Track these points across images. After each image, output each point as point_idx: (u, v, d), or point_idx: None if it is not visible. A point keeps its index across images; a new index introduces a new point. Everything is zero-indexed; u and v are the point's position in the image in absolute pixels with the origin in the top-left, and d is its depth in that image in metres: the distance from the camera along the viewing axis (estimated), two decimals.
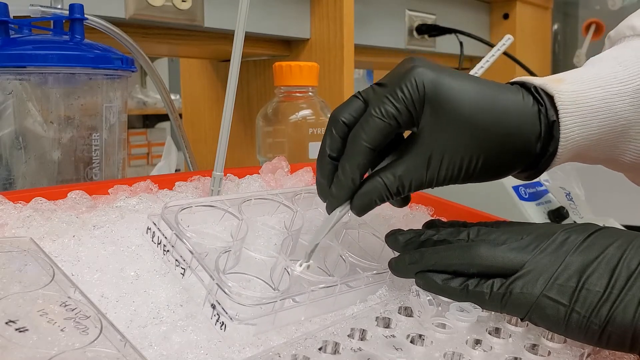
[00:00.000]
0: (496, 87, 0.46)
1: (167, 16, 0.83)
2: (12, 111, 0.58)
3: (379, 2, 1.22)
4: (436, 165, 0.44)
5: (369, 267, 0.47)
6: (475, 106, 0.44)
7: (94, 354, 0.31)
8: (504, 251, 0.41)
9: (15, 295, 0.33)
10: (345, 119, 0.46)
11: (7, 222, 0.44)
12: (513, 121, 0.44)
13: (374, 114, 0.44)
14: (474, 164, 0.44)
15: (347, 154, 0.45)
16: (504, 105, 0.45)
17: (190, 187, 0.56)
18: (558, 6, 1.85)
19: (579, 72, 0.49)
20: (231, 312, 0.38)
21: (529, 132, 0.45)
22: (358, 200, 0.45)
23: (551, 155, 0.46)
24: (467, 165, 0.44)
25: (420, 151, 0.44)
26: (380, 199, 0.45)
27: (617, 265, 0.38)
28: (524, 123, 0.45)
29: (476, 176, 0.45)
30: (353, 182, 0.45)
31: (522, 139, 0.45)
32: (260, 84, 1.14)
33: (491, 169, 0.46)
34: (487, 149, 0.44)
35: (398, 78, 0.44)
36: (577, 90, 0.46)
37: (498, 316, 0.42)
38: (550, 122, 0.46)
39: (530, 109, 0.45)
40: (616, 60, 0.49)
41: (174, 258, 0.42)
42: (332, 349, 0.37)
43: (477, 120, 0.44)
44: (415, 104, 0.44)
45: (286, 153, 0.82)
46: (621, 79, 0.47)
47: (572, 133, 0.46)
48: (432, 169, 0.44)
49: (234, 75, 0.52)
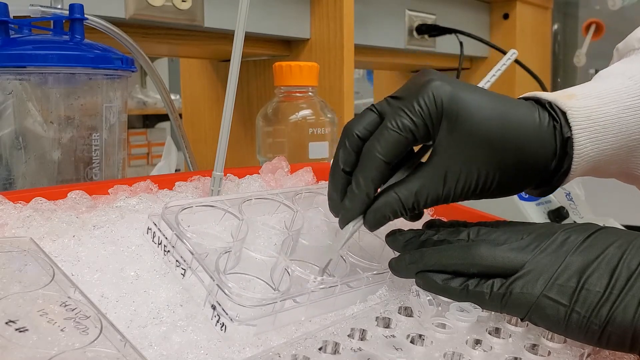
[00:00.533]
0: (512, 102, 0.45)
1: (167, 16, 0.83)
2: (12, 111, 0.58)
3: (379, 2, 1.22)
4: (453, 181, 0.44)
5: (369, 267, 0.47)
6: (492, 122, 0.43)
7: (94, 354, 0.31)
8: (504, 251, 0.41)
9: (15, 295, 0.33)
10: (359, 132, 0.45)
11: (7, 222, 0.44)
12: (530, 138, 0.44)
13: (390, 126, 0.43)
14: (490, 180, 0.44)
15: (361, 167, 0.44)
16: (520, 122, 0.44)
17: (190, 187, 0.56)
18: (558, 6, 1.85)
19: (590, 87, 0.49)
20: (231, 313, 0.38)
21: (544, 149, 0.45)
22: (372, 215, 0.44)
23: (565, 171, 0.46)
24: (484, 181, 0.44)
25: (437, 166, 0.44)
26: (394, 215, 0.44)
27: (617, 266, 0.38)
28: (540, 140, 0.45)
29: (492, 192, 0.45)
30: (367, 196, 0.44)
31: (538, 155, 0.45)
32: (260, 84, 1.14)
33: (506, 185, 0.45)
34: (503, 164, 0.44)
35: (415, 91, 0.44)
36: (590, 106, 0.46)
37: (498, 316, 0.42)
38: (565, 139, 0.46)
39: (546, 126, 0.45)
40: (626, 75, 0.49)
41: (175, 258, 0.42)
42: (332, 349, 0.37)
43: (495, 137, 0.43)
44: (432, 117, 0.43)
45: (286, 153, 0.82)
46: (632, 93, 0.47)
47: (586, 149, 0.46)
48: (448, 185, 0.44)
49: (234, 75, 0.52)
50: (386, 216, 0.44)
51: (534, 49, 1.63)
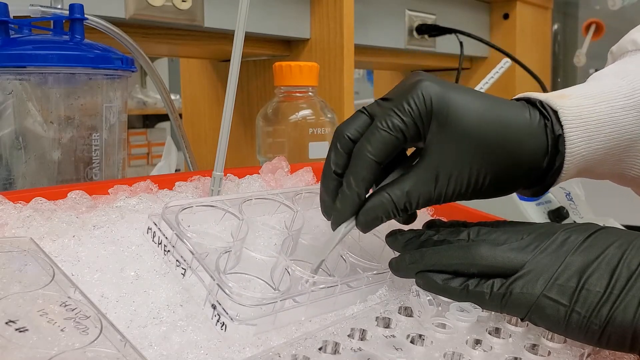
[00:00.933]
0: (502, 102, 0.46)
1: (167, 16, 0.83)
2: (12, 111, 0.58)
3: (379, 2, 1.22)
4: (444, 181, 0.44)
5: (369, 267, 0.47)
6: (482, 121, 0.43)
7: (94, 354, 0.31)
8: (504, 251, 0.41)
9: (15, 295, 0.33)
10: (350, 134, 0.45)
11: (7, 222, 0.44)
12: (520, 135, 0.44)
13: (380, 126, 0.43)
14: (482, 179, 0.44)
15: (352, 168, 0.44)
16: (510, 120, 0.44)
17: (190, 187, 0.56)
18: (558, 6, 1.85)
19: (583, 88, 0.49)
20: (232, 312, 0.38)
21: (535, 147, 0.45)
22: (363, 216, 0.44)
23: (557, 170, 0.46)
24: (475, 180, 0.44)
25: (428, 166, 0.44)
26: (386, 215, 0.44)
27: (618, 266, 0.38)
28: (531, 137, 0.45)
29: (484, 192, 0.45)
30: (358, 197, 0.44)
31: (529, 153, 0.45)
32: (260, 84, 1.14)
33: (499, 185, 0.45)
34: (495, 163, 0.44)
35: (404, 92, 0.44)
36: (582, 105, 0.46)
37: (498, 316, 0.42)
38: (556, 137, 0.46)
39: (537, 123, 0.45)
40: (619, 75, 0.49)
41: (175, 258, 0.42)
42: (332, 349, 0.37)
43: (485, 135, 0.43)
44: (422, 117, 0.43)
45: (286, 153, 0.82)
46: (625, 93, 0.47)
47: (578, 148, 0.46)
48: (440, 185, 0.44)
49: (234, 75, 0.52)
50: (378, 217, 0.44)
51: (534, 49, 1.63)
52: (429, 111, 0.43)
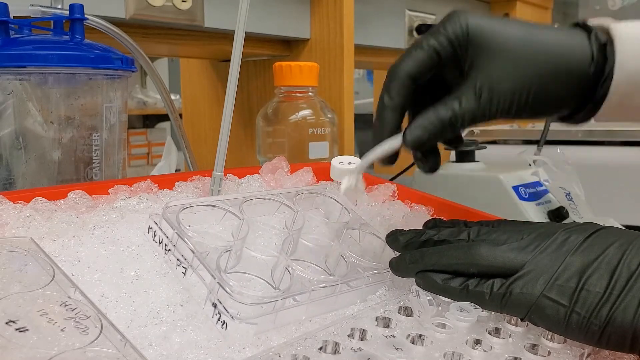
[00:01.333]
0: (539, 24, 0.46)
1: (167, 16, 0.83)
2: (12, 111, 0.58)
3: (379, 2, 1.22)
4: (487, 97, 0.44)
5: (369, 267, 0.47)
6: (519, 38, 0.44)
7: (94, 354, 0.31)
8: (504, 251, 0.41)
9: (15, 295, 0.33)
10: None
11: (7, 222, 0.44)
12: (560, 43, 0.44)
13: (417, 45, 0.45)
14: (525, 95, 0.44)
15: (387, 83, 0.46)
16: (548, 31, 0.45)
17: (191, 187, 0.57)
18: (558, 6, 1.85)
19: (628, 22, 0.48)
20: (232, 311, 0.38)
21: (578, 53, 0.44)
22: (410, 133, 0.45)
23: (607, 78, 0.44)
24: (519, 96, 0.44)
25: (470, 85, 0.44)
26: (432, 133, 0.44)
27: (618, 266, 0.38)
28: (572, 43, 0.45)
29: (529, 109, 0.45)
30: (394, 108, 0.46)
31: (572, 60, 0.44)
32: (260, 84, 1.14)
33: (544, 100, 0.45)
34: (536, 76, 0.44)
35: (441, 22, 0.46)
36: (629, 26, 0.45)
37: (498, 316, 0.42)
38: (602, 45, 0.45)
39: (579, 33, 0.45)
40: None
41: (175, 257, 0.42)
42: (332, 349, 0.37)
43: (523, 50, 0.44)
44: (458, 38, 0.44)
45: (286, 153, 0.82)
46: None
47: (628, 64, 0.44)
48: (483, 101, 0.44)
49: (234, 75, 0.52)
50: (425, 133, 0.45)
51: None
52: (464, 32, 0.44)
